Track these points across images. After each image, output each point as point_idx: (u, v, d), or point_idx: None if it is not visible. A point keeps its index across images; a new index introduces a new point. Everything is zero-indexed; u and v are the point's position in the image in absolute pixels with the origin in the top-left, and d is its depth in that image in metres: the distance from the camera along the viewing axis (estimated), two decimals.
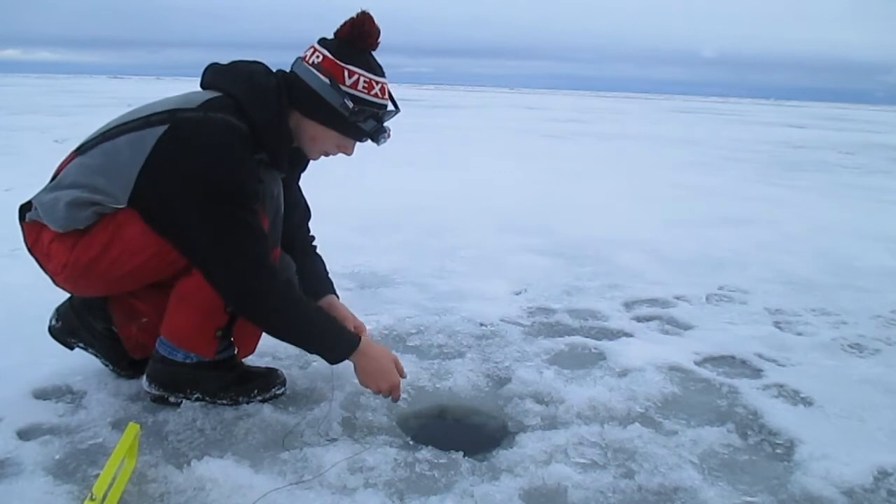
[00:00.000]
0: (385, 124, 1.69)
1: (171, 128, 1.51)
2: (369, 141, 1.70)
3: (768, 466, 1.59)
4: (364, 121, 1.64)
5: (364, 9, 1.62)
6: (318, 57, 1.61)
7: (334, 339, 1.66)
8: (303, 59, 1.64)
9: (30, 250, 1.67)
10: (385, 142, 1.72)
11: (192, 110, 1.54)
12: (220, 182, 1.49)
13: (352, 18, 1.61)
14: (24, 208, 1.66)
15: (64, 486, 1.39)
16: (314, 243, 2.03)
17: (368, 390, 1.80)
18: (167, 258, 1.58)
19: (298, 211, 1.96)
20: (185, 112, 1.54)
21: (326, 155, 1.74)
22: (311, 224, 2.03)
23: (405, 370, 1.77)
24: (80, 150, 1.61)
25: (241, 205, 1.52)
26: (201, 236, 1.52)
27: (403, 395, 1.84)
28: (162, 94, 1.70)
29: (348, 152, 1.73)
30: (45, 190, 1.62)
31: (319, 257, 2.02)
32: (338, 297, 1.97)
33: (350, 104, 1.60)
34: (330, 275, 2.02)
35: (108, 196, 1.53)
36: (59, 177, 1.62)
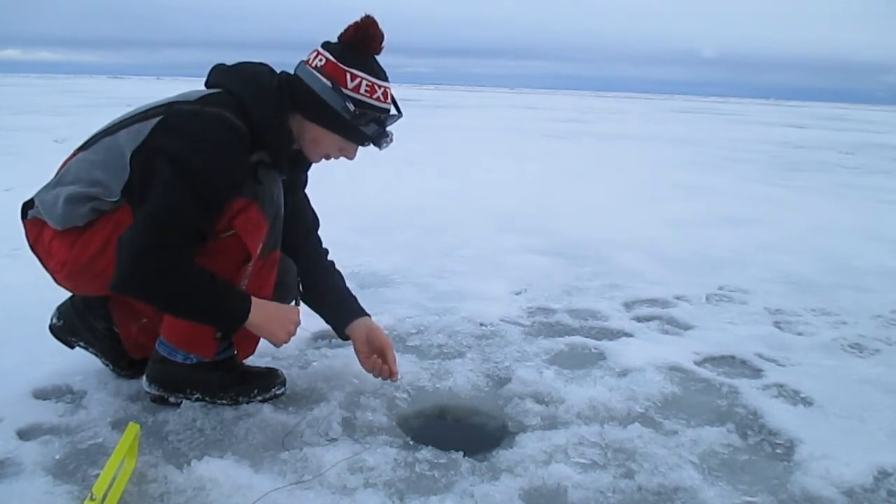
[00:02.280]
0: (387, 128, 1.69)
1: (166, 117, 1.54)
2: (371, 145, 1.71)
3: (768, 466, 1.59)
4: (366, 124, 1.64)
5: (368, 13, 1.62)
6: (321, 60, 1.62)
7: (226, 313, 1.57)
8: (306, 62, 1.65)
9: (32, 248, 1.67)
10: (387, 146, 1.72)
11: (189, 103, 1.56)
12: (195, 173, 1.46)
13: (356, 22, 1.61)
14: (27, 206, 1.66)
15: (64, 486, 1.38)
16: (330, 258, 1.95)
17: (367, 391, 1.80)
18: None
19: (304, 218, 1.92)
20: (182, 105, 1.56)
21: (328, 158, 1.73)
22: None
23: (402, 369, 1.75)
24: (83, 147, 1.63)
25: (201, 196, 1.47)
26: (147, 202, 1.48)
27: (403, 395, 1.84)
28: (162, 95, 1.70)
29: (350, 156, 1.73)
30: (47, 187, 1.63)
31: (340, 274, 1.94)
32: (370, 316, 1.89)
33: (352, 107, 1.60)
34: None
35: (104, 188, 1.54)
36: (60, 173, 1.63)
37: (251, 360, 1.89)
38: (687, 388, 1.99)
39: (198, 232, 1.51)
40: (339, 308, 1.89)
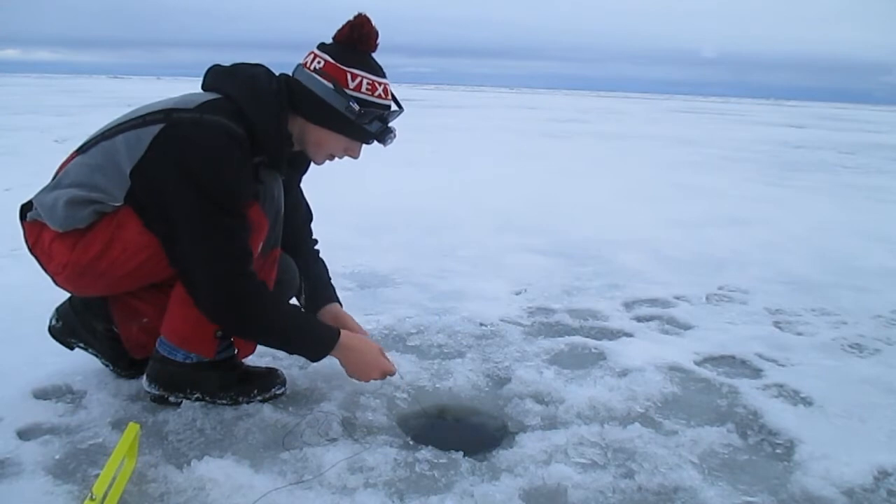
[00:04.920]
0: (390, 125, 1.70)
1: (167, 127, 1.51)
2: (375, 142, 1.71)
3: (768, 466, 1.59)
4: (369, 123, 1.65)
5: (361, 11, 1.62)
6: (319, 62, 1.61)
7: (314, 337, 1.68)
8: (303, 65, 1.64)
9: (31, 250, 1.67)
10: (391, 142, 1.73)
11: (188, 111, 1.54)
12: (210, 187, 1.48)
13: (350, 21, 1.62)
14: (25, 208, 1.66)
15: (64, 486, 1.39)
16: (316, 247, 2.03)
17: (367, 391, 1.80)
18: (166, 258, 1.57)
19: (300, 213, 1.97)
20: (181, 112, 1.54)
21: (332, 159, 1.74)
22: (312, 224, 2.03)
23: (402, 369, 1.76)
24: (81, 150, 1.62)
25: (227, 212, 1.51)
26: (184, 238, 1.52)
27: (403, 395, 1.84)
28: (162, 95, 1.70)
29: (355, 155, 1.73)
30: (45, 189, 1.62)
31: (322, 262, 2.02)
32: (341, 304, 1.98)
33: (356, 107, 1.61)
34: (331, 276, 2.03)
35: (106, 194, 1.54)
36: (59, 176, 1.62)
37: (251, 360, 1.89)
38: (687, 388, 1.99)
39: (247, 246, 1.57)
40: (311, 295, 1.97)
